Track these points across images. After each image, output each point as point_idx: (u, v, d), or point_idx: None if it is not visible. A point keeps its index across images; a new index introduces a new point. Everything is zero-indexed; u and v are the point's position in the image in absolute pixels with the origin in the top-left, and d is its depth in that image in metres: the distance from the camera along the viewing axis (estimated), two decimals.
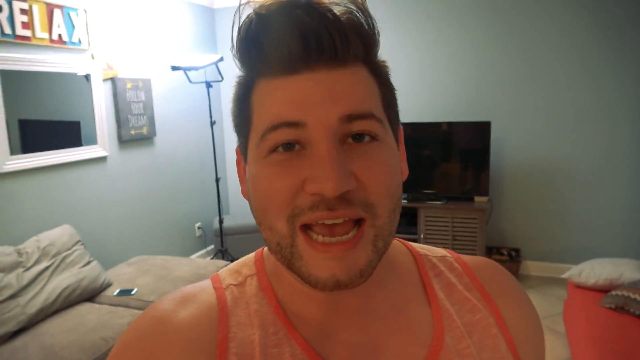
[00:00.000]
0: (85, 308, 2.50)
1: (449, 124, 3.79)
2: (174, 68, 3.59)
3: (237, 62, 0.48)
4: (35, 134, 2.85)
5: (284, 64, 0.44)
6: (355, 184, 0.43)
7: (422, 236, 3.76)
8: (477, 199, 3.75)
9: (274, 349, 0.48)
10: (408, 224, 3.91)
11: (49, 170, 2.93)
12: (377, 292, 0.52)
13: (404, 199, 3.90)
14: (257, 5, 0.46)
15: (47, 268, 2.52)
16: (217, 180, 3.78)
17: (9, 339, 2.22)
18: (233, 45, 0.47)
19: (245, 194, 0.52)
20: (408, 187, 3.88)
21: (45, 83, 2.89)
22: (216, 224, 4.24)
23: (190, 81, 3.74)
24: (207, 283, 0.55)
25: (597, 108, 3.56)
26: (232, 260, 3.42)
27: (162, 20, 3.91)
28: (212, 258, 4.19)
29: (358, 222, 0.45)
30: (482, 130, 3.64)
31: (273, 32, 0.44)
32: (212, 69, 3.89)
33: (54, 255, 2.60)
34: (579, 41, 3.52)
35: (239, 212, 4.85)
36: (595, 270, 2.73)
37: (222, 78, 3.64)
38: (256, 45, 0.45)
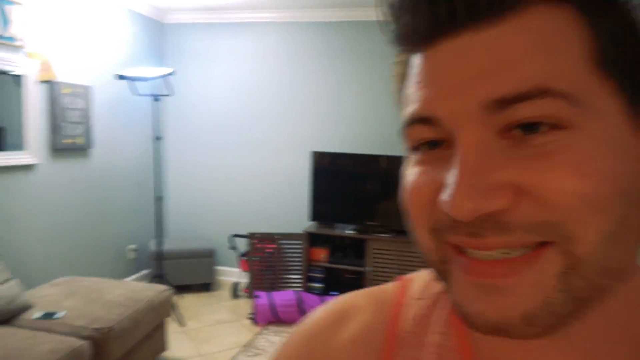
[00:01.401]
0: (1, 332, 2.16)
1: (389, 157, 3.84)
2: (121, 77, 3.37)
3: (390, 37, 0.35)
4: None
5: (416, 32, 0.32)
6: (507, 201, 0.29)
7: (368, 269, 3.71)
8: None
9: None
10: (356, 256, 3.86)
11: None
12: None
13: (354, 229, 3.86)
14: None
15: None
16: (158, 198, 3.53)
17: None
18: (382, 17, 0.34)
19: None
20: (356, 218, 3.85)
21: None
22: (152, 246, 3.94)
23: (137, 93, 3.53)
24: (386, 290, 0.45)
25: None
26: (170, 286, 3.14)
27: (108, 28, 3.69)
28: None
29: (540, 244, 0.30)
30: None
31: None
32: (159, 83, 3.70)
33: None
34: None
35: (178, 235, 4.57)
36: None
37: (172, 93, 3.47)
38: (398, 10, 0.32)
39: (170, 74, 3.38)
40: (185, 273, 4.00)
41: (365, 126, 4.06)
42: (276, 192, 4.30)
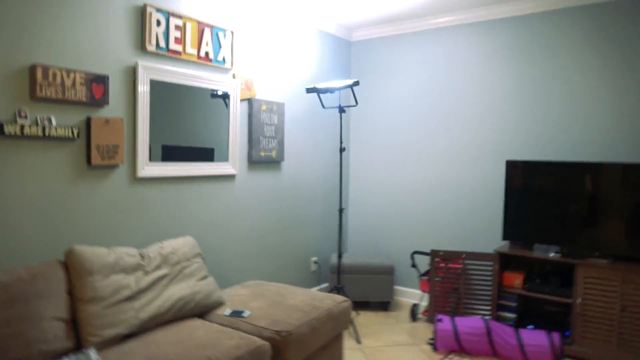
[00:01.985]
0: (196, 324, 2.35)
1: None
2: (309, 90, 3.51)
3: None
4: (172, 151, 2.89)
5: None
6: None
7: (578, 301, 3.06)
8: None
9: None
10: (561, 284, 3.24)
11: (181, 181, 2.95)
12: None
13: (557, 251, 3.27)
14: None
15: (165, 275, 2.44)
16: (341, 210, 3.54)
17: (119, 342, 2.12)
18: None
19: None
20: (561, 238, 3.25)
21: (188, 99, 2.97)
22: (334, 260, 3.97)
23: (323, 106, 3.64)
24: None
25: None
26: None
27: (300, 48, 3.93)
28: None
29: None
30: None
31: None
32: (345, 96, 3.75)
33: (174, 264, 2.52)
34: None
35: (358, 250, 4.55)
36: None
37: (357, 103, 3.47)
38: None
39: (355, 83, 3.39)
40: (363, 289, 3.92)
41: (574, 130, 3.44)
42: (464, 207, 3.94)
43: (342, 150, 3.55)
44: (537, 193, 3.35)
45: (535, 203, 3.36)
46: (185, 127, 2.97)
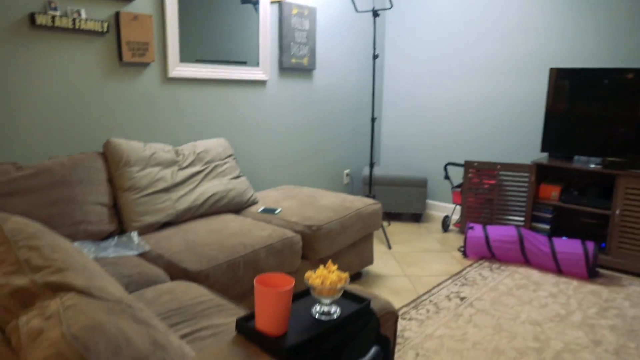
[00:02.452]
0: (230, 217, 2.43)
1: None
2: None
3: None
4: (203, 54, 2.85)
5: None
6: None
7: (617, 212, 2.98)
8: None
9: None
10: (600, 196, 3.14)
11: (212, 84, 2.94)
12: None
13: (598, 163, 3.14)
14: None
15: (199, 172, 2.50)
16: (373, 120, 3.47)
17: (158, 228, 2.23)
18: None
19: None
20: (603, 150, 3.11)
21: (217, 3, 2.87)
22: (366, 172, 3.97)
23: (356, 9, 3.46)
24: None
25: None
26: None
27: None
28: None
29: None
30: None
31: None
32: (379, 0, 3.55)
33: (207, 162, 2.58)
34: None
35: (391, 162, 4.52)
36: None
37: (392, 5, 3.28)
38: None
39: None
40: (395, 201, 3.94)
41: (622, 36, 3.17)
42: (501, 121, 3.80)
43: (375, 57, 3.42)
44: (582, 103, 3.17)
45: (578, 113, 3.19)
46: (216, 32, 2.90)
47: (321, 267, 0.96)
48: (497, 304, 2.53)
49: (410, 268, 3.03)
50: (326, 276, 0.93)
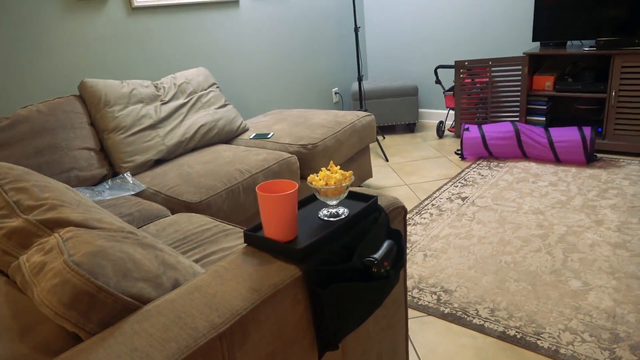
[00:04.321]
0: (222, 147, 2.38)
1: None
2: None
3: None
4: None
5: None
6: None
7: (614, 94, 2.93)
8: None
9: None
10: (595, 80, 3.07)
11: (181, 9, 2.74)
12: None
13: (592, 46, 3.04)
14: None
15: (183, 105, 2.40)
16: (357, 29, 3.30)
17: (151, 167, 2.18)
18: None
19: None
20: (597, 31, 2.99)
21: None
22: (355, 87, 3.86)
23: None
24: None
25: None
26: None
27: None
28: None
29: None
30: None
31: None
32: None
33: (190, 94, 2.47)
34: None
35: (380, 74, 4.39)
36: None
37: None
38: None
39: None
40: (388, 113, 3.86)
41: None
42: (489, 12, 3.63)
43: None
44: None
45: None
46: None
47: (323, 169, 0.92)
48: (499, 199, 2.56)
49: (410, 177, 3.03)
50: (329, 176, 0.89)
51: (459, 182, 2.84)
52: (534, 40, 3.23)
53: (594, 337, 1.52)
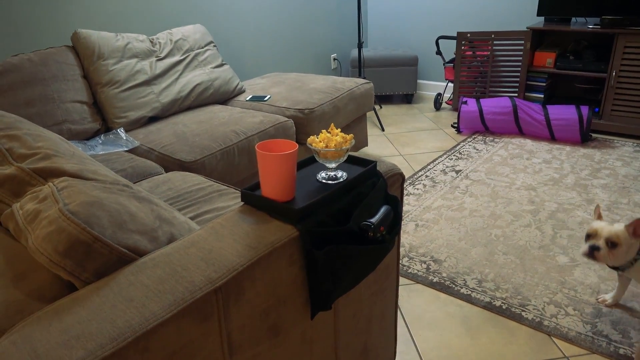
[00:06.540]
0: (218, 107, 2.34)
1: None
2: None
3: None
4: None
5: None
6: None
7: (614, 74, 2.90)
8: None
9: None
10: (597, 59, 3.04)
11: None
12: None
13: (596, 24, 3.00)
14: None
15: (179, 62, 2.35)
16: None
17: (145, 124, 2.15)
18: None
19: None
20: (601, 9, 2.94)
21: None
22: (354, 54, 3.79)
23: None
24: None
25: None
26: None
27: None
28: None
29: None
30: None
31: None
32: None
33: (187, 51, 2.41)
34: None
35: (380, 43, 4.31)
36: None
37: None
38: None
39: None
40: (386, 82, 3.81)
41: None
42: None
43: None
44: None
45: None
46: None
47: (324, 131, 0.91)
48: (492, 174, 2.57)
49: (405, 148, 3.02)
50: (330, 139, 0.88)
51: (454, 155, 2.84)
52: (538, 14, 3.18)
53: (578, 310, 1.55)
